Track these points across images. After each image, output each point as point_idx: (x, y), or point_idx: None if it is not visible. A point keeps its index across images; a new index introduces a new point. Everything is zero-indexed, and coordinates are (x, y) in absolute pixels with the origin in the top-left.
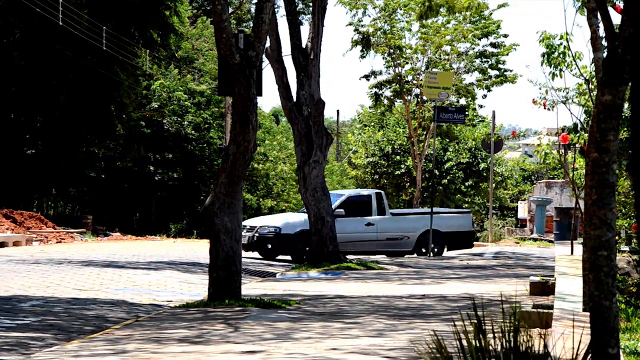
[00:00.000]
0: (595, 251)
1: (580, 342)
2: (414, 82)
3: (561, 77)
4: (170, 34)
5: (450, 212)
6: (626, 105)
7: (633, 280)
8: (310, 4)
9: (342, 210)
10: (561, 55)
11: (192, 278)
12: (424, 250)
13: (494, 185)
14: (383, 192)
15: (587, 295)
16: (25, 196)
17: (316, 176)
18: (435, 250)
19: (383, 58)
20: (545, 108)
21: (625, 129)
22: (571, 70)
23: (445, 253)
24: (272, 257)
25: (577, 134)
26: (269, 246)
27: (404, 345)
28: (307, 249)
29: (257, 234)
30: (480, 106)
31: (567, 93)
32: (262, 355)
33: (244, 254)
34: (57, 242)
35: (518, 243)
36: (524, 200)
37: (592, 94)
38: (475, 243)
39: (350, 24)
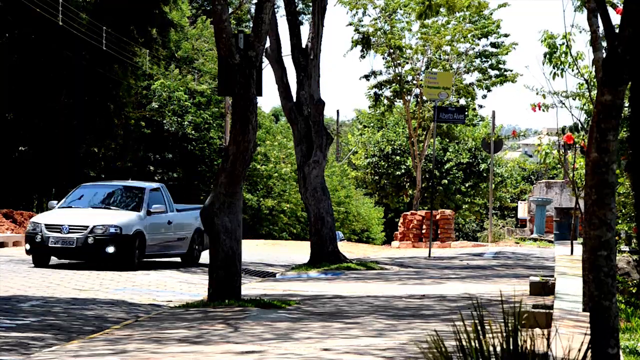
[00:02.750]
0: (595, 251)
1: (580, 342)
2: (414, 82)
3: (562, 76)
4: (169, 29)
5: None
6: (626, 105)
7: (633, 280)
8: (310, 4)
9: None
10: (562, 55)
11: (192, 278)
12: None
13: (493, 185)
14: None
15: (587, 295)
16: (25, 196)
17: (316, 176)
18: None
19: (383, 58)
20: (540, 109)
21: (625, 128)
22: (572, 70)
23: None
24: (112, 266)
25: (578, 134)
26: (110, 250)
27: (403, 345)
28: (140, 254)
29: (91, 236)
30: (480, 106)
31: (568, 92)
32: (262, 355)
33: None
34: None
35: (518, 243)
36: (524, 200)
37: (592, 93)
38: (475, 243)
39: (350, 24)
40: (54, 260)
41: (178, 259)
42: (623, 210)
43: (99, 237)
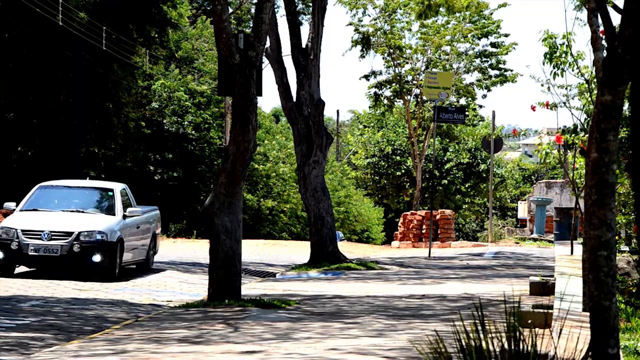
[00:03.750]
0: (595, 251)
1: (580, 342)
2: (414, 82)
3: (562, 76)
4: (168, 28)
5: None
6: (626, 105)
7: (633, 280)
8: (310, 4)
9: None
10: (563, 55)
11: (192, 278)
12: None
13: (493, 185)
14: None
15: (587, 295)
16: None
17: (316, 176)
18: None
19: (383, 58)
20: (546, 107)
21: (625, 129)
22: (572, 70)
23: None
24: (95, 276)
25: (576, 135)
26: (96, 259)
27: (403, 345)
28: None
29: (77, 243)
30: (480, 106)
31: (569, 90)
32: (262, 355)
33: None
34: None
35: (518, 243)
36: (524, 200)
37: (592, 93)
38: (475, 243)
39: (350, 24)
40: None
41: (133, 266)
42: (623, 210)
43: (86, 245)
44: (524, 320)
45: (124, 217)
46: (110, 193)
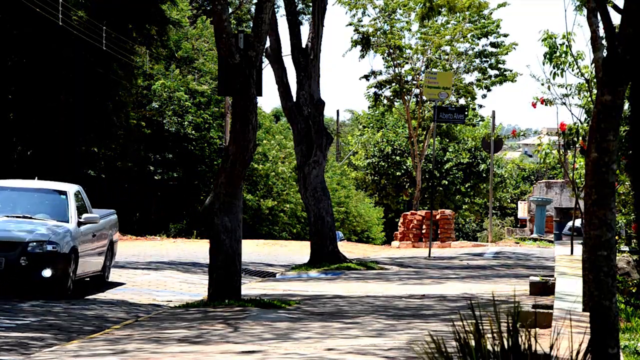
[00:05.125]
0: (595, 251)
1: (580, 342)
2: (414, 82)
3: (562, 76)
4: (168, 27)
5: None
6: (626, 105)
7: (633, 280)
8: (310, 4)
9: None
10: (563, 55)
11: (192, 278)
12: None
13: (493, 185)
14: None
15: (587, 295)
16: None
17: (316, 176)
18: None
19: (383, 58)
20: (542, 103)
21: (626, 128)
22: (572, 70)
23: None
24: (44, 293)
25: (576, 131)
26: (46, 274)
27: (403, 345)
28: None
29: (24, 256)
30: (480, 106)
31: (570, 89)
32: (261, 355)
33: None
34: None
35: (518, 243)
36: (524, 200)
37: (592, 92)
38: (475, 243)
39: (350, 24)
40: None
41: (87, 279)
42: (623, 210)
43: (34, 257)
44: (524, 320)
45: (79, 224)
46: (63, 196)
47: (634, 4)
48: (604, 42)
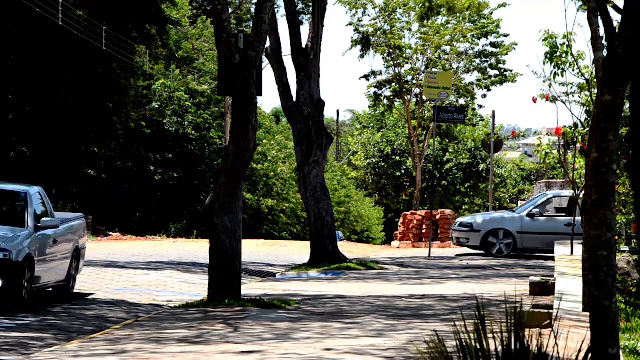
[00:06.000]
0: (595, 251)
1: (580, 342)
2: (414, 82)
3: (562, 76)
4: (168, 27)
5: None
6: (627, 105)
7: (633, 280)
8: (310, 4)
9: None
10: (563, 55)
11: (192, 278)
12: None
13: (493, 185)
14: None
15: (587, 295)
16: None
17: (316, 176)
18: None
19: (383, 58)
20: (547, 100)
21: (627, 128)
22: (573, 70)
23: None
24: (6, 305)
25: (577, 129)
26: None
27: (402, 345)
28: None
29: None
30: (480, 106)
31: (570, 88)
32: (260, 356)
33: None
34: None
35: None
36: (524, 200)
37: (592, 92)
38: None
39: (350, 24)
40: None
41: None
42: (623, 210)
43: None
44: (524, 320)
45: (37, 228)
46: (21, 198)
47: (634, 4)
48: (604, 42)
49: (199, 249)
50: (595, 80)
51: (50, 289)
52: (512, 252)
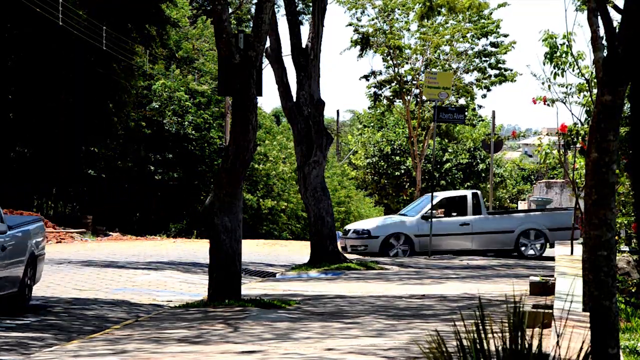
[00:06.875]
0: (595, 251)
1: (580, 342)
2: (414, 82)
3: (562, 76)
4: (167, 27)
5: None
6: (626, 105)
7: (633, 280)
8: (310, 4)
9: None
10: (563, 55)
11: (192, 278)
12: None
13: (493, 185)
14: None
15: (587, 295)
16: (25, 196)
17: (316, 176)
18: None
19: (382, 58)
20: (545, 104)
21: (627, 128)
22: (573, 70)
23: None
24: None
25: (577, 132)
26: None
27: (403, 345)
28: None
29: None
30: (480, 106)
31: (570, 89)
32: (260, 355)
33: None
34: (57, 242)
35: None
36: (524, 200)
37: (592, 92)
38: None
39: (350, 24)
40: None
41: None
42: (623, 210)
43: None
44: (524, 320)
45: None
46: None
47: (634, 4)
48: (604, 42)
49: (199, 249)
50: (595, 80)
51: None
52: (409, 255)
